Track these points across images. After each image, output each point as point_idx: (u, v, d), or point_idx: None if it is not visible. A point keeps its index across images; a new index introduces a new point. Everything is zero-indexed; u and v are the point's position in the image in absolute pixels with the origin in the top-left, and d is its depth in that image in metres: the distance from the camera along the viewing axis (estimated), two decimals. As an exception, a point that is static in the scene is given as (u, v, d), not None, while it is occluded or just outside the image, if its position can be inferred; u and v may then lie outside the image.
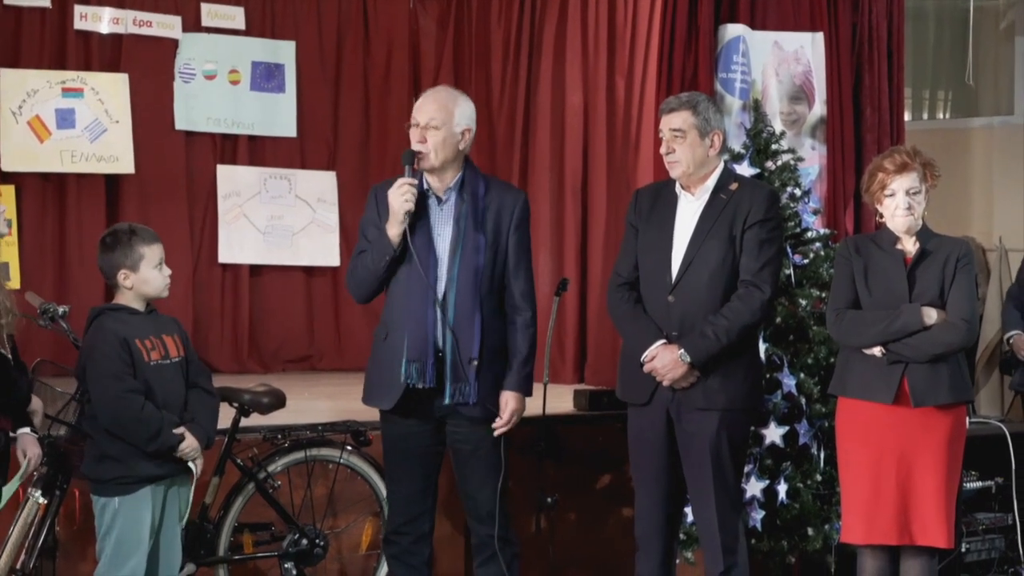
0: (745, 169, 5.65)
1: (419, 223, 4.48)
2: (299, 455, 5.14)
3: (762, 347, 5.42)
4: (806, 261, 5.79)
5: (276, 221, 8.41)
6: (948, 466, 4.68)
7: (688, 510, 5.05)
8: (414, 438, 4.57)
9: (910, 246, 4.75)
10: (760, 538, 5.51)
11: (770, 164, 5.87)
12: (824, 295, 5.57)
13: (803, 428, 5.60)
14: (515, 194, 4.71)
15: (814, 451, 5.64)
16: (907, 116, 8.47)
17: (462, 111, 4.53)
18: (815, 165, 7.29)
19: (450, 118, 4.49)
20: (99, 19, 7.92)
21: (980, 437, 6.04)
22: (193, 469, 4.41)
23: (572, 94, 7.79)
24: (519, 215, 4.61)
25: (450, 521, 5.42)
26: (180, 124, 8.16)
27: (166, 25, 8.12)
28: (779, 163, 5.89)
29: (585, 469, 5.87)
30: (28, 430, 4.33)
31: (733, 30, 7.14)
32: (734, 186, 4.74)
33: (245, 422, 4.98)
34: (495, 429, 4.54)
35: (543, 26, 8.03)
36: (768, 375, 5.51)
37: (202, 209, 8.25)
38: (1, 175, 7.61)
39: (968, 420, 4.91)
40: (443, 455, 4.67)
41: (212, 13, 8.28)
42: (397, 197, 4.42)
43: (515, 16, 8.22)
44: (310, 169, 8.55)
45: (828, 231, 6.10)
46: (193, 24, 8.21)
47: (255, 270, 8.41)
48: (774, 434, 5.53)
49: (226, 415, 4.78)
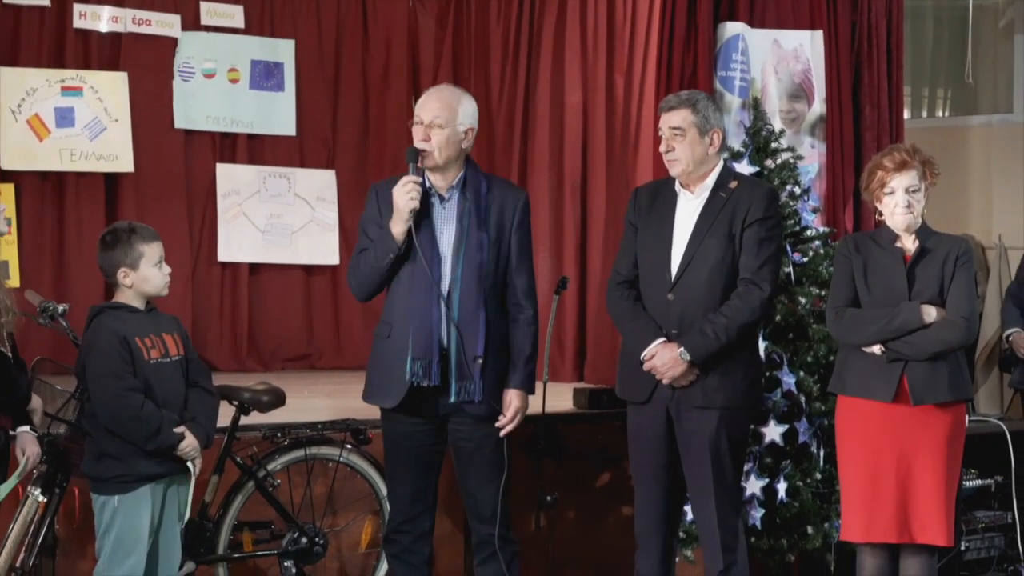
0: (744, 167, 5.65)
1: (422, 221, 4.46)
2: (299, 453, 5.14)
3: (762, 345, 5.42)
4: (805, 259, 5.79)
5: (275, 220, 8.40)
6: (947, 464, 4.68)
7: (688, 508, 5.05)
8: (416, 436, 4.56)
9: (909, 244, 4.75)
10: (760, 536, 5.52)
11: (769, 162, 5.87)
12: (824, 293, 5.57)
13: (803, 426, 5.60)
14: (517, 192, 4.71)
15: (814, 449, 5.65)
16: (906, 114, 8.47)
17: (466, 110, 4.52)
18: (814, 163, 7.28)
19: (454, 117, 4.47)
20: (98, 18, 7.91)
21: (979, 435, 6.03)
22: (191, 469, 4.41)
23: (571, 93, 7.78)
24: (521, 213, 4.61)
25: (449, 519, 5.42)
26: (179, 123, 8.15)
27: (165, 24, 8.11)
28: (778, 161, 5.89)
29: (585, 467, 5.86)
30: (27, 428, 4.33)
31: (732, 28, 7.13)
32: (733, 184, 4.74)
33: (245, 420, 4.98)
34: (499, 427, 4.54)
35: (542, 25, 8.02)
36: (768, 373, 5.51)
37: (201, 208, 8.24)
38: (0, 173, 7.61)
39: (967, 418, 4.91)
40: (444, 453, 4.66)
41: (211, 12, 8.27)
42: (402, 195, 4.40)
43: (514, 14, 8.21)
44: (309, 168, 8.54)
45: (827, 229, 6.10)
46: (192, 23, 8.20)
47: (254, 268, 8.40)
48: (774, 432, 5.53)
49: (226, 413, 4.77)
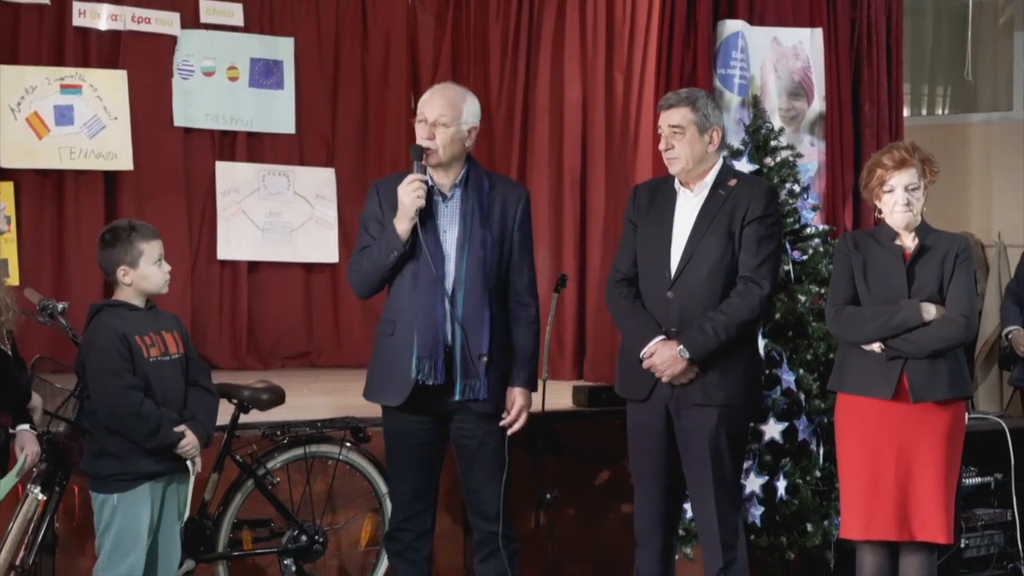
0: (744, 165, 5.65)
1: (426, 219, 4.44)
2: (298, 451, 5.13)
3: (761, 343, 5.42)
4: (805, 257, 5.79)
5: (274, 217, 8.40)
6: (947, 462, 4.68)
7: (687, 506, 5.05)
8: (418, 434, 4.55)
9: (909, 242, 4.75)
10: (759, 534, 5.52)
11: (769, 160, 5.87)
12: (823, 291, 5.57)
13: (802, 424, 5.60)
14: (518, 190, 4.71)
15: (813, 447, 5.65)
16: (906, 112, 8.48)
17: (470, 109, 4.51)
18: (814, 161, 7.28)
19: (459, 116, 4.47)
20: (97, 16, 7.91)
21: (979, 433, 6.04)
22: (190, 467, 4.41)
23: (571, 90, 7.78)
24: (523, 210, 4.60)
25: (449, 517, 5.42)
26: (179, 121, 8.14)
27: (164, 22, 8.10)
28: (778, 159, 5.89)
29: (584, 465, 5.86)
30: (27, 427, 4.33)
31: (732, 26, 7.13)
32: (733, 182, 4.74)
33: (244, 418, 4.97)
34: (504, 425, 4.54)
35: (541, 21, 8.02)
36: (767, 371, 5.51)
37: (201, 206, 8.24)
38: (0, 172, 7.61)
39: (967, 416, 4.92)
40: (445, 451, 4.66)
41: (210, 10, 8.26)
42: (408, 193, 4.39)
43: (513, 11, 8.21)
44: (308, 165, 8.53)
45: (827, 227, 6.10)
46: (191, 21, 8.20)
47: (253, 266, 8.40)
48: (773, 430, 5.53)
49: (225, 411, 4.77)
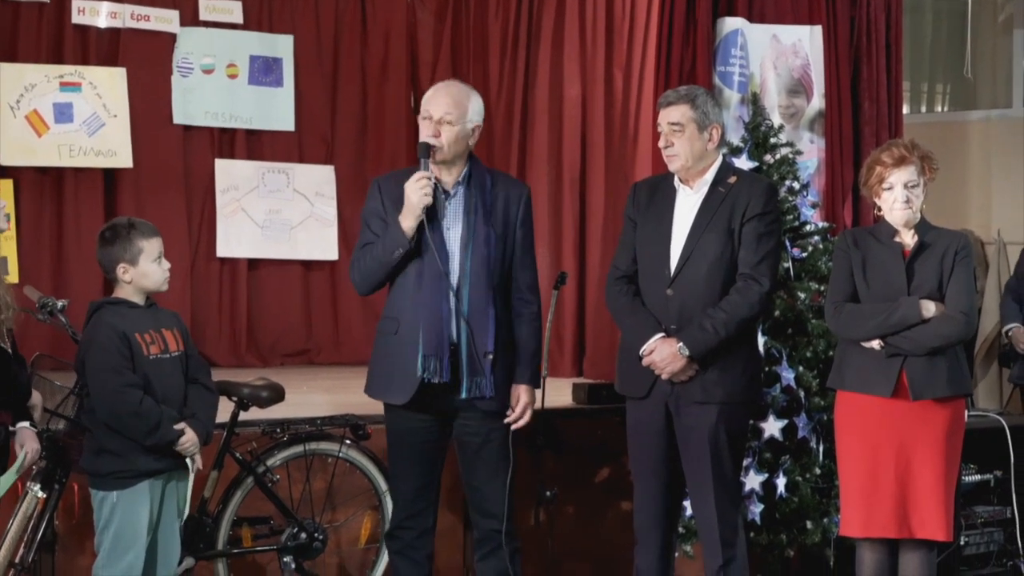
0: (743, 162, 5.65)
1: (429, 217, 4.43)
2: (298, 449, 5.13)
3: (761, 340, 5.42)
4: (804, 254, 5.79)
5: (274, 215, 8.40)
6: (947, 459, 4.68)
7: (687, 503, 5.05)
8: (421, 432, 4.55)
9: (908, 239, 4.75)
10: (759, 531, 5.52)
11: (768, 157, 5.86)
12: (823, 288, 5.56)
13: (802, 421, 5.60)
14: (520, 187, 4.71)
15: (813, 444, 5.65)
16: (905, 109, 8.48)
17: (475, 107, 4.52)
18: (813, 158, 7.28)
19: (464, 114, 4.47)
20: (97, 13, 7.90)
21: (979, 430, 6.04)
22: (190, 465, 4.41)
23: (570, 87, 7.78)
24: (524, 208, 4.61)
25: (448, 515, 5.42)
26: (178, 118, 8.13)
27: (164, 19, 8.09)
28: (777, 156, 5.89)
29: (584, 462, 5.86)
30: (27, 424, 4.33)
31: (731, 23, 7.14)
32: (732, 179, 4.74)
33: (244, 416, 4.97)
34: (509, 422, 4.53)
35: (541, 19, 8.01)
36: (767, 368, 5.51)
37: (200, 203, 8.23)
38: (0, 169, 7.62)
39: (967, 413, 4.91)
40: (447, 449, 4.65)
41: (210, 7, 8.25)
42: (416, 191, 4.38)
43: (513, 8, 8.21)
44: (308, 163, 8.52)
45: (826, 224, 6.09)
46: (191, 18, 8.19)
47: (253, 264, 8.39)
48: (773, 427, 5.53)
49: (225, 409, 4.77)
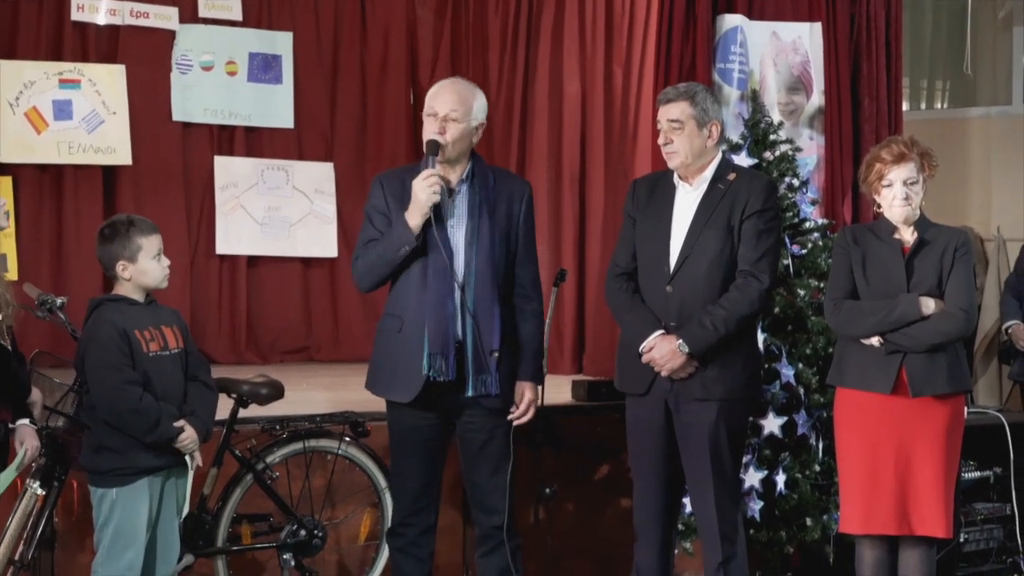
0: (743, 159, 5.65)
1: (433, 214, 4.42)
2: (297, 446, 5.13)
3: (760, 337, 5.42)
4: (804, 251, 5.79)
5: (273, 212, 8.40)
6: (946, 456, 4.68)
7: (686, 500, 5.05)
8: (424, 430, 4.54)
9: (908, 236, 4.74)
10: (759, 528, 5.52)
11: (768, 154, 5.86)
12: (822, 285, 5.56)
13: (801, 418, 5.60)
14: (521, 184, 4.71)
15: (812, 441, 5.65)
16: (905, 106, 8.48)
17: (479, 105, 4.51)
18: (813, 155, 7.29)
19: (469, 111, 4.46)
20: (96, 10, 7.90)
21: (978, 427, 6.03)
22: (189, 462, 4.41)
23: (570, 84, 7.77)
24: (526, 205, 4.60)
25: (449, 512, 5.41)
26: (177, 115, 8.13)
27: (163, 16, 8.09)
28: (777, 153, 5.88)
29: (584, 460, 5.86)
30: (27, 421, 4.33)
31: (731, 20, 7.13)
32: (732, 176, 4.74)
33: (243, 413, 4.97)
34: (512, 419, 4.53)
35: (540, 15, 8.00)
36: (766, 365, 5.51)
37: (199, 200, 8.23)
38: (-1, 167, 7.62)
39: (966, 410, 4.91)
40: (449, 446, 4.64)
41: (209, 4, 8.25)
42: (424, 188, 4.36)
43: (512, 5, 8.20)
44: (307, 160, 8.52)
45: (826, 221, 6.09)
46: (190, 15, 8.18)
47: (252, 261, 8.38)
48: (772, 424, 5.53)
49: (224, 406, 4.77)
